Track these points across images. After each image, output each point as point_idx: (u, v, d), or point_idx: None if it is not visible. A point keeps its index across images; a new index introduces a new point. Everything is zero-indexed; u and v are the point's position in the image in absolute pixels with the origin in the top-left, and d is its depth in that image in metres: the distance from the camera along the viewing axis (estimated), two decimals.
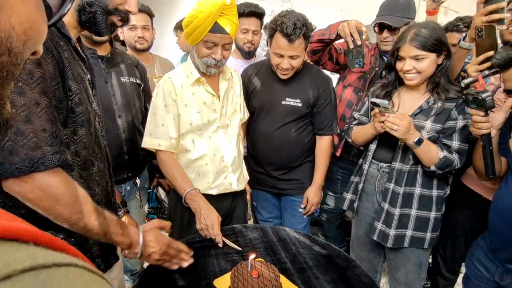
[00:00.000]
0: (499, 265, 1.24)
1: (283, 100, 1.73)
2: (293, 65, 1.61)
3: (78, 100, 0.83)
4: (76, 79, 0.83)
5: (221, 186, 1.51)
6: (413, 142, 1.30)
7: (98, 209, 0.83)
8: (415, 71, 1.33)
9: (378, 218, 1.48)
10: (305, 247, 1.28)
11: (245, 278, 1.02)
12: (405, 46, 1.32)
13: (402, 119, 1.28)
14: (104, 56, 1.59)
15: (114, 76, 1.63)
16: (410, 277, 1.51)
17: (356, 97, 1.89)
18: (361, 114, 1.61)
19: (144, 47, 2.10)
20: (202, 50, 1.34)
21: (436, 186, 1.42)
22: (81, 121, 0.85)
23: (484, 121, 1.16)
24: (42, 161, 0.71)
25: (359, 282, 1.09)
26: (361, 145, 1.59)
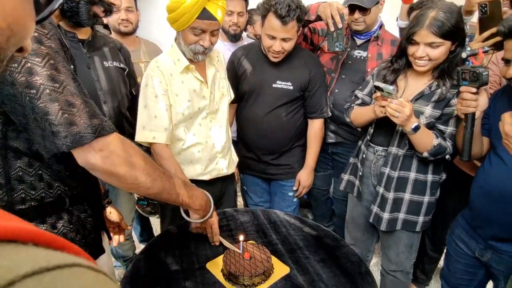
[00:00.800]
0: (479, 241, 1.29)
1: (273, 83, 1.71)
2: (285, 48, 1.58)
3: None
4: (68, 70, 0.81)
5: (213, 172, 1.52)
6: (411, 129, 1.28)
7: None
8: (427, 58, 1.27)
9: (374, 201, 1.50)
10: (296, 229, 1.30)
11: (237, 260, 1.05)
12: (422, 32, 1.23)
13: (405, 106, 1.24)
14: (85, 40, 1.52)
15: (97, 61, 1.57)
16: (401, 257, 1.56)
17: (328, 78, 1.87)
18: (364, 94, 1.56)
19: (129, 30, 2.02)
20: (189, 37, 1.29)
21: (431, 171, 1.42)
22: None
23: (473, 99, 1.14)
24: (102, 126, 0.74)
25: (347, 260, 1.12)
26: (360, 127, 1.57)
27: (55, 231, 0.86)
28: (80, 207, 0.93)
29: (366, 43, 1.85)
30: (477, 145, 1.29)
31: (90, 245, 0.97)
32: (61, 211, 0.87)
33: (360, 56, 1.85)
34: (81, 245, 0.93)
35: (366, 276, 1.05)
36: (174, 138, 1.41)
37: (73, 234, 0.90)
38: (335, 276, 1.05)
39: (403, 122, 1.26)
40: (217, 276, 1.05)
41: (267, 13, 1.52)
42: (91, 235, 0.98)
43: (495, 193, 1.18)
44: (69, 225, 0.88)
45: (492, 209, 1.21)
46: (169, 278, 1.05)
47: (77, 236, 0.91)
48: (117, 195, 1.77)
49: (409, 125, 1.27)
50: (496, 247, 1.24)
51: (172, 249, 1.18)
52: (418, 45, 1.27)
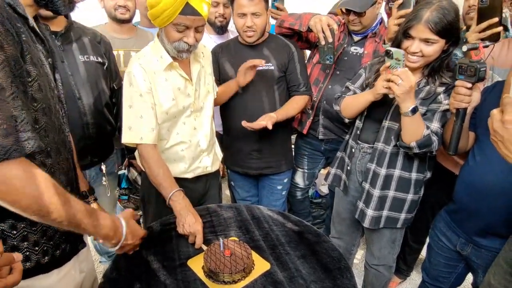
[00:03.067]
0: (461, 235, 1.32)
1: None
2: (257, 23, 1.63)
3: (38, 86, 0.78)
4: (35, 63, 0.77)
5: (197, 170, 1.50)
6: (409, 109, 1.22)
7: (70, 200, 0.80)
8: (421, 54, 1.26)
9: (360, 197, 1.51)
10: (278, 224, 1.31)
11: (218, 258, 1.05)
12: (419, 26, 1.22)
13: (410, 75, 1.18)
14: (58, 32, 1.45)
15: (71, 55, 1.50)
16: (383, 252, 1.59)
17: (323, 74, 1.88)
18: (356, 87, 1.54)
19: (125, 18, 1.92)
20: (172, 34, 1.23)
21: (415, 169, 1.41)
22: (42, 109, 0.80)
23: (468, 94, 1.14)
24: (15, 148, 0.68)
25: (327, 255, 1.14)
26: (349, 117, 1.54)
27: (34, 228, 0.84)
28: None
29: (363, 40, 1.84)
30: (464, 139, 1.30)
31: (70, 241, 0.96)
32: None
33: (356, 53, 1.85)
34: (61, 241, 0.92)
35: (345, 272, 1.07)
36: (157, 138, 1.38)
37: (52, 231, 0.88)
38: (314, 271, 1.06)
39: (403, 94, 1.20)
40: (197, 273, 1.05)
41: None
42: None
43: (479, 188, 1.20)
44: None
45: (475, 204, 1.23)
46: (149, 275, 1.04)
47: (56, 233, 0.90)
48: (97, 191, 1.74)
49: (408, 102, 1.21)
50: (477, 242, 1.26)
51: (153, 246, 1.17)
52: (413, 39, 1.26)
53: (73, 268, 0.98)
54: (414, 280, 2.18)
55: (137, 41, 2.00)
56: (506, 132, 0.71)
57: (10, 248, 0.83)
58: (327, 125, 1.94)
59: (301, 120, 2.01)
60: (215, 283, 1.01)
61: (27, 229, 0.84)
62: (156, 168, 1.28)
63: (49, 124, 0.84)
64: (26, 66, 0.75)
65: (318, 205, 2.66)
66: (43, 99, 0.81)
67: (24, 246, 0.84)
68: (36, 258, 0.86)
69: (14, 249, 0.83)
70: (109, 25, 1.98)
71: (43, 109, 0.81)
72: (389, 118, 1.40)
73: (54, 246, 0.91)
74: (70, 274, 0.98)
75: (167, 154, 1.42)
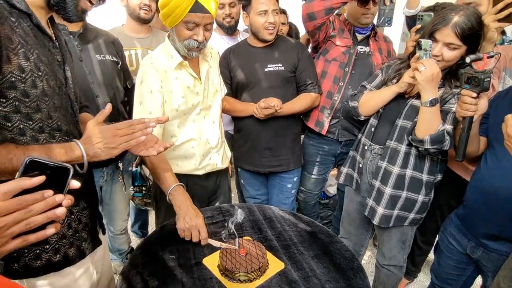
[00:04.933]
0: (471, 239, 1.32)
1: (265, 68, 1.77)
2: (277, 21, 1.70)
3: (33, 83, 0.78)
4: (29, 59, 0.78)
5: (208, 167, 1.53)
6: (428, 100, 1.22)
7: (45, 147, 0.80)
8: (441, 58, 1.27)
9: (370, 195, 1.52)
10: (290, 225, 1.33)
11: (233, 257, 1.07)
12: (445, 30, 1.22)
13: (433, 64, 1.20)
14: (76, 32, 1.49)
15: (89, 54, 1.55)
16: (394, 252, 1.60)
17: (342, 72, 1.86)
18: (373, 86, 1.55)
19: (147, 17, 1.96)
20: (182, 32, 1.28)
21: (427, 171, 1.42)
22: (36, 106, 0.80)
23: (473, 103, 1.14)
24: None
25: (340, 256, 1.15)
26: (367, 113, 1.53)
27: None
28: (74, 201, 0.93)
29: (367, 39, 1.88)
30: (473, 145, 1.30)
31: (85, 239, 0.98)
32: None
33: (364, 51, 1.87)
34: (75, 239, 0.94)
35: (359, 272, 1.08)
36: (167, 135, 1.42)
37: (64, 229, 0.90)
38: (328, 271, 1.08)
39: (426, 83, 1.20)
40: (213, 271, 1.07)
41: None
42: (86, 229, 0.98)
43: (490, 192, 1.21)
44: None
45: (485, 208, 1.24)
46: (166, 273, 1.06)
47: (69, 231, 0.92)
48: (112, 191, 1.77)
49: (430, 92, 1.22)
50: (487, 245, 1.27)
51: (169, 245, 1.19)
52: (437, 43, 1.27)
53: (89, 268, 1.00)
54: (421, 281, 2.19)
55: (155, 40, 2.05)
56: None
57: None
58: (347, 126, 1.92)
59: (318, 120, 1.95)
60: (231, 282, 1.02)
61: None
62: (158, 162, 1.28)
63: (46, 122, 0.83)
64: (18, 60, 0.75)
65: (326, 206, 2.67)
66: (39, 96, 0.80)
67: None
68: (47, 257, 0.87)
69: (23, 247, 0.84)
70: (128, 25, 2.02)
71: (37, 105, 0.80)
72: (403, 117, 1.41)
73: (68, 244, 0.92)
74: (87, 274, 0.99)
75: (178, 151, 1.45)
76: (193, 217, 1.18)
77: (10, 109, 0.77)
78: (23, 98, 0.78)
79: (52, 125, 0.85)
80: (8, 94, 0.75)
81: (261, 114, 1.73)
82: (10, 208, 0.52)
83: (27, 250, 0.85)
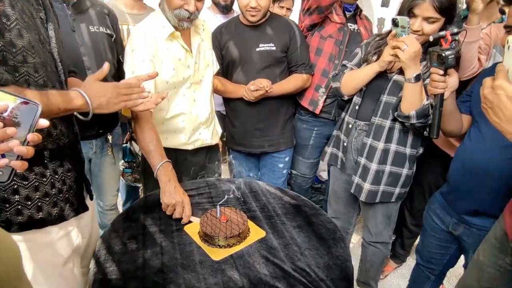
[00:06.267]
0: (453, 215, 1.33)
1: (256, 47, 1.73)
2: (261, 4, 1.62)
3: (18, 32, 0.77)
4: (15, 7, 0.77)
5: (197, 142, 1.52)
6: (412, 76, 1.23)
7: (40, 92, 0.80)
8: (421, 32, 1.28)
9: (355, 173, 1.52)
10: (276, 198, 1.32)
11: (214, 223, 1.07)
12: (423, 5, 1.23)
13: (414, 41, 1.20)
14: (70, 1, 1.47)
15: (82, 25, 1.51)
16: (380, 228, 1.61)
17: (337, 49, 1.84)
18: (353, 65, 1.54)
19: None
20: (173, 1, 1.25)
21: (410, 145, 1.44)
22: (22, 57, 0.79)
23: (441, 80, 1.16)
24: None
25: (323, 227, 1.15)
26: (349, 93, 1.52)
27: (25, 182, 0.86)
28: (57, 161, 0.93)
29: (354, 17, 1.87)
30: (453, 122, 1.30)
31: (70, 201, 0.97)
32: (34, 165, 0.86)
33: (353, 29, 1.85)
34: (58, 199, 0.93)
35: (340, 242, 1.08)
36: (157, 108, 1.38)
37: (47, 188, 0.90)
38: (309, 240, 1.08)
39: (408, 60, 1.20)
40: (193, 237, 1.07)
41: None
42: (71, 191, 0.98)
43: (472, 167, 1.21)
44: (41, 178, 0.88)
45: (467, 183, 1.24)
46: (146, 238, 1.06)
47: (52, 190, 0.91)
48: (101, 163, 1.77)
49: (413, 69, 1.22)
50: (468, 221, 1.27)
51: (152, 212, 1.19)
52: (416, 18, 1.27)
53: (73, 231, 1.00)
54: (410, 265, 2.19)
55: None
56: (496, 98, 0.71)
57: (1, 200, 0.84)
58: (343, 105, 1.89)
59: (313, 99, 1.91)
60: (210, 247, 1.03)
61: (18, 182, 0.85)
62: (149, 136, 1.24)
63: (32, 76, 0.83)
64: (4, 7, 0.74)
65: (318, 190, 2.67)
66: (26, 47, 0.79)
67: (15, 200, 0.85)
68: (28, 213, 0.87)
69: (4, 201, 0.84)
70: (121, 0, 1.99)
71: (23, 56, 0.80)
72: (387, 93, 1.41)
73: (51, 203, 0.92)
74: (70, 236, 0.99)
75: (167, 125, 1.43)
76: (180, 193, 1.17)
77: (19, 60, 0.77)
78: (10, 48, 0.77)
79: (38, 80, 0.85)
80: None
81: (251, 96, 1.71)
82: None
83: (8, 205, 0.85)
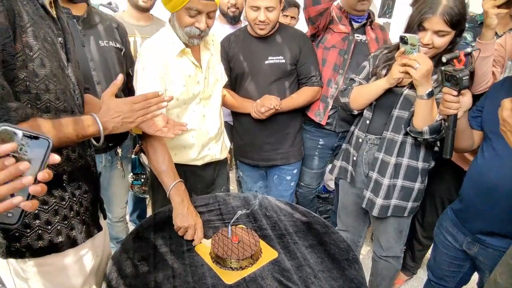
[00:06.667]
0: (467, 234, 1.29)
1: (265, 59, 1.71)
2: (270, 18, 1.60)
3: (41, 62, 0.78)
4: (38, 37, 0.77)
5: (206, 157, 1.51)
6: (425, 93, 1.21)
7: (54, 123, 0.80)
8: (432, 46, 1.26)
9: (366, 187, 1.50)
10: (286, 215, 1.31)
11: (225, 244, 1.05)
12: (433, 19, 1.21)
13: (426, 59, 1.19)
14: (80, 16, 1.47)
15: (92, 39, 1.53)
16: (391, 242, 1.59)
17: (341, 59, 1.82)
18: (361, 78, 1.52)
19: (147, 6, 1.97)
20: (184, 19, 1.23)
21: (422, 158, 1.42)
22: (44, 86, 0.80)
23: (454, 101, 1.13)
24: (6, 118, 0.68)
25: (335, 246, 1.13)
26: (359, 108, 1.51)
27: (45, 207, 0.86)
28: (75, 184, 0.93)
29: (363, 28, 1.84)
30: (465, 140, 1.28)
31: (86, 222, 0.97)
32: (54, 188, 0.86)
33: (360, 40, 1.82)
34: (76, 221, 0.93)
35: (354, 263, 1.06)
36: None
37: (66, 211, 0.90)
38: (322, 261, 1.06)
39: (421, 78, 1.19)
40: (205, 258, 1.05)
41: None
42: (87, 212, 0.98)
43: (486, 185, 1.18)
44: (60, 201, 0.88)
45: (482, 202, 1.20)
46: (157, 259, 1.05)
47: (70, 213, 0.91)
48: (110, 177, 1.77)
49: (425, 86, 1.21)
50: (484, 241, 1.24)
51: (162, 231, 1.18)
52: (425, 31, 1.26)
53: (89, 252, 0.99)
54: (421, 278, 2.16)
55: (155, 28, 2.02)
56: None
57: (22, 226, 0.84)
58: (345, 116, 1.88)
59: (318, 110, 1.89)
60: (222, 269, 1.01)
61: (39, 207, 0.85)
62: (162, 156, 1.23)
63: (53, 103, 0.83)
64: (27, 38, 0.75)
65: (325, 200, 2.65)
66: (48, 76, 0.80)
67: (36, 225, 0.86)
68: (49, 237, 0.88)
69: (25, 227, 0.84)
70: (128, 12, 2.01)
71: (46, 85, 0.80)
72: (399, 107, 1.39)
73: (69, 226, 0.92)
74: (86, 257, 0.99)
75: (177, 141, 1.42)
76: (193, 215, 1.16)
77: (21, 89, 0.77)
78: (33, 78, 0.77)
79: (59, 107, 0.85)
80: (20, 74, 0.75)
81: (261, 116, 1.69)
82: None
83: (29, 230, 0.85)
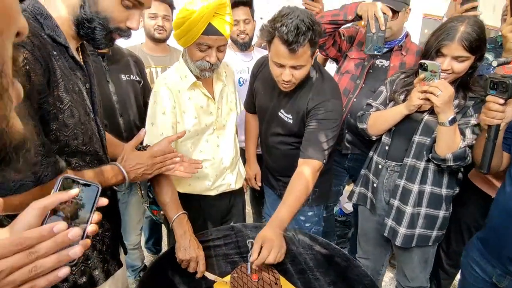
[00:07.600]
0: (496, 265, 1.22)
1: (278, 111, 1.53)
2: (296, 76, 1.32)
3: (70, 112, 0.80)
4: (68, 90, 0.80)
5: (221, 187, 1.49)
6: (447, 120, 1.20)
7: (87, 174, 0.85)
8: (451, 71, 1.25)
9: (388, 215, 1.46)
10: (305, 247, 1.27)
11: (245, 282, 1.02)
12: (452, 45, 1.21)
13: (448, 86, 1.19)
14: (105, 54, 1.56)
15: (115, 74, 1.62)
16: (416, 272, 1.52)
17: (353, 84, 1.80)
18: (378, 104, 1.50)
19: (163, 37, 2.05)
20: (195, 53, 1.26)
21: (446, 185, 1.38)
22: (73, 134, 0.82)
23: (500, 110, 1.08)
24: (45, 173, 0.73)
25: (359, 283, 1.08)
26: (377, 134, 1.48)
27: None
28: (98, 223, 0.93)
29: (389, 53, 1.77)
30: (496, 157, 1.23)
31: (107, 260, 0.96)
32: None
33: (382, 65, 1.78)
34: (99, 260, 0.92)
35: None
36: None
37: (89, 250, 0.89)
38: None
39: (443, 105, 1.18)
40: None
41: (272, 38, 1.25)
42: (109, 250, 0.98)
43: None
44: None
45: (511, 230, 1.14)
46: None
47: (93, 253, 0.90)
48: (128, 203, 1.78)
49: (448, 113, 1.20)
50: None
51: (179, 267, 1.16)
52: (444, 57, 1.25)
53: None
54: None
55: (172, 58, 2.12)
56: None
57: None
58: (352, 139, 1.86)
59: None
60: None
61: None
62: (165, 189, 1.24)
63: (81, 148, 0.85)
64: (59, 92, 0.77)
65: (343, 223, 2.58)
66: (75, 124, 0.82)
67: None
68: (73, 279, 0.87)
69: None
70: (146, 44, 2.10)
71: (74, 134, 0.82)
72: (419, 133, 1.36)
73: (92, 266, 0.91)
74: None
75: None
76: (194, 248, 1.15)
77: (52, 139, 0.79)
78: (63, 128, 0.80)
79: (86, 151, 0.88)
80: (52, 126, 0.78)
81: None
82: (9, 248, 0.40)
83: None
